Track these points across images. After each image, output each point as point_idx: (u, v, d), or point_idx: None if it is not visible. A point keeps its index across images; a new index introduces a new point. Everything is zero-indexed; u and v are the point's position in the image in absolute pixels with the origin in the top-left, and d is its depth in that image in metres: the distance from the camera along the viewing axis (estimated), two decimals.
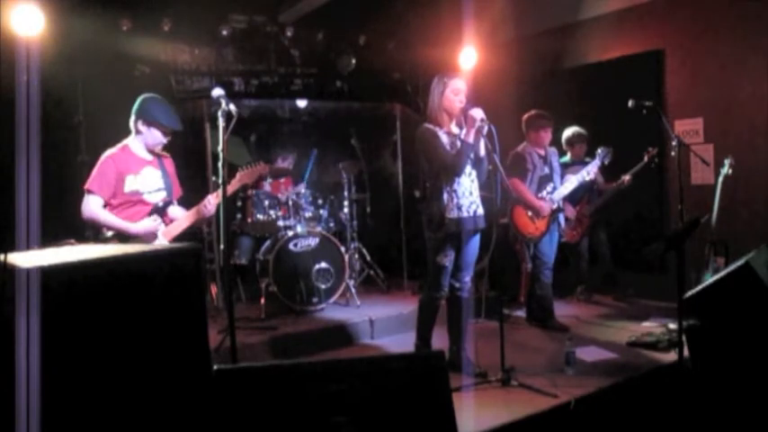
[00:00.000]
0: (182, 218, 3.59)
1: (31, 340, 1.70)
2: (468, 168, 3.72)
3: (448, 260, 3.72)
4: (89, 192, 3.40)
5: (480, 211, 3.81)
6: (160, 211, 3.55)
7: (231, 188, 3.58)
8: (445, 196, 3.67)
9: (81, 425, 1.81)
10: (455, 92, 3.67)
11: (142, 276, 1.98)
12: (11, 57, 3.73)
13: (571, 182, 4.84)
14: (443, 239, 3.69)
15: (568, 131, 5.55)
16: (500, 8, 6.28)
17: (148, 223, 3.48)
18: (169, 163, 3.68)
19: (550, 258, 4.86)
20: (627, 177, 5.31)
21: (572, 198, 5.25)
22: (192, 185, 3.94)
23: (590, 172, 4.88)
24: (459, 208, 3.68)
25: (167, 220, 3.59)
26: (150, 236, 3.48)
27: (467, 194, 3.72)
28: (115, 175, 3.41)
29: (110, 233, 3.47)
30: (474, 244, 3.84)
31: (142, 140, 3.52)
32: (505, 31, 6.57)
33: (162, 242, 3.51)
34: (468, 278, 3.87)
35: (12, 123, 3.06)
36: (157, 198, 3.54)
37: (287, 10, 6.02)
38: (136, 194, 3.47)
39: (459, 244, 3.75)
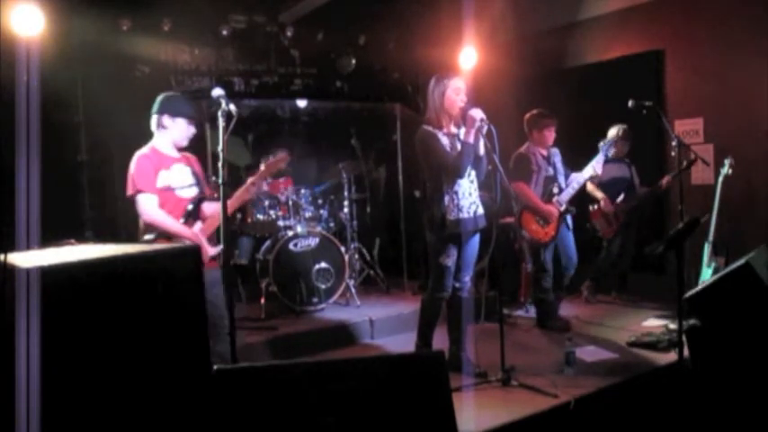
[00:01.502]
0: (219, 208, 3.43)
1: (31, 340, 1.70)
2: (468, 169, 3.72)
3: (451, 260, 3.72)
4: (140, 192, 3.26)
5: (480, 210, 3.81)
6: (195, 209, 3.44)
7: (257, 179, 3.49)
8: (446, 198, 3.67)
9: (81, 425, 1.81)
10: (456, 91, 3.66)
11: (142, 276, 1.98)
12: (11, 57, 3.73)
13: (578, 182, 4.74)
14: (445, 240, 3.69)
15: (613, 130, 5.43)
16: (500, 8, 6.27)
17: (198, 230, 3.36)
18: (195, 162, 3.60)
19: (572, 262, 4.82)
20: (665, 180, 5.23)
21: (611, 194, 5.31)
22: None
23: (596, 167, 4.71)
24: (461, 209, 3.68)
25: (203, 217, 3.47)
26: (199, 242, 3.31)
27: (467, 195, 3.72)
28: (153, 171, 3.29)
29: (150, 235, 3.29)
30: (474, 244, 3.84)
31: (168, 137, 3.42)
32: (505, 31, 6.57)
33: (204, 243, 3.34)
34: (467, 278, 3.87)
35: (12, 123, 3.06)
36: (190, 194, 3.43)
37: (287, 10, 6.02)
38: (168, 190, 3.35)
39: (461, 244, 3.76)
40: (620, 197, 5.40)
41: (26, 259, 1.90)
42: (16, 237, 2.23)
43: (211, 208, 3.50)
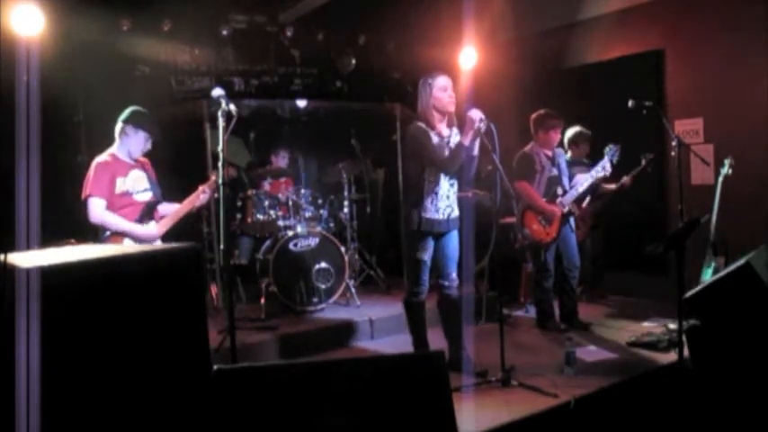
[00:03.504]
0: (174, 210, 3.80)
1: (31, 340, 1.70)
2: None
3: (426, 254, 3.76)
4: (91, 196, 3.54)
5: (454, 214, 3.83)
6: (150, 211, 3.75)
7: (207, 187, 3.80)
8: (423, 195, 3.71)
9: (81, 425, 1.80)
10: (442, 89, 3.69)
11: (142, 276, 1.98)
12: (11, 57, 3.74)
13: (582, 184, 4.74)
14: (421, 235, 3.73)
15: (572, 131, 5.47)
16: (500, 8, 6.27)
17: (152, 228, 3.68)
18: (149, 167, 3.89)
19: (574, 263, 4.80)
20: (627, 179, 5.25)
21: (577, 197, 5.26)
22: (191, 185, 3.96)
23: (605, 168, 4.68)
24: (437, 210, 3.73)
25: (158, 217, 3.79)
26: (153, 238, 3.68)
27: (444, 198, 3.75)
28: (109, 178, 3.57)
29: (107, 233, 3.60)
30: (453, 241, 3.86)
31: (126, 146, 3.69)
32: (505, 31, 6.57)
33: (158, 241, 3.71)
34: (454, 275, 3.87)
35: (12, 123, 3.06)
36: (145, 198, 3.72)
37: (287, 10, 6.02)
38: (126, 195, 3.63)
39: (437, 241, 3.79)
40: (586, 200, 5.35)
41: (26, 259, 1.89)
42: (16, 237, 2.23)
43: (166, 208, 3.86)
